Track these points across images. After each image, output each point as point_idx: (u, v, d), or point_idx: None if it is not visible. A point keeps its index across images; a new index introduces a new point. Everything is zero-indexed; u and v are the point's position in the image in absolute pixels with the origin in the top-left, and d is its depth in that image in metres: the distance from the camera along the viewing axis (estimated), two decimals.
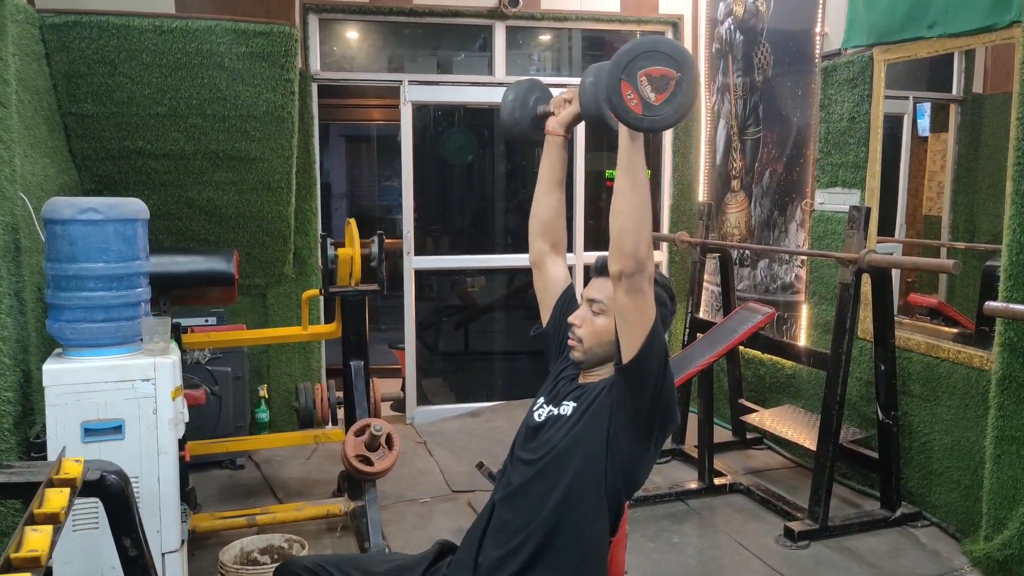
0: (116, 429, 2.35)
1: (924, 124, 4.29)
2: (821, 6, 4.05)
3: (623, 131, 1.59)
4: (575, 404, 1.81)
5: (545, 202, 2.01)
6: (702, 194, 5.11)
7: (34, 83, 3.21)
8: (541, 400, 1.92)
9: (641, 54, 1.48)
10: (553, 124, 1.98)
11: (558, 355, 1.97)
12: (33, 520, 1.43)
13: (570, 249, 5.15)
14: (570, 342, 1.85)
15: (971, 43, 3.28)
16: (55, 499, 1.50)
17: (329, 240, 3.45)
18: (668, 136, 5.18)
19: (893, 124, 4.04)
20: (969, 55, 3.93)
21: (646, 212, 1.61)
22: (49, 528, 1.39)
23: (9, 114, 2.64)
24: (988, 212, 3.87)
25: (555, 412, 1.83)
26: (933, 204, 4.25)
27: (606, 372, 1.81)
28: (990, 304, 2.83)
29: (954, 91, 4.05)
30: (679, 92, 1.49)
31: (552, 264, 2.02)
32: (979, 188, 3.99)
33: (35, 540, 1.35)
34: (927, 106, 4.25)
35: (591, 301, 1.83)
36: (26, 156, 2.88)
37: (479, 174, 6.51)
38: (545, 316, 2.01)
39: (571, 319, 1.85)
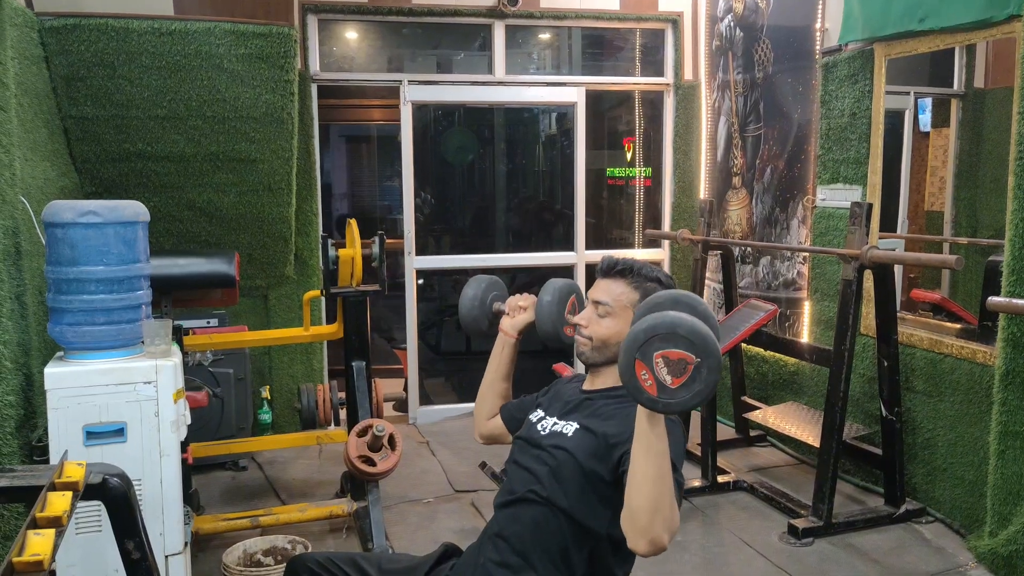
0: (118, 432, 2.34)
1: (925, 119, 4.28)
2: (821, 2, 4.04)
3: (640, 407, 1.46)
4: (577, 427, 1.77)
5: (494, 391, 2.09)
6: (703, 191, 5.10)
7: (34, 86, 3.21)
8: (540, 412, 1.90)
9: (659, 335, 1.37)
10: (507, 325, 2.05)
11: (535, 406, 1.98)
12: (35, 524, 1.43)
13: (572, 248, 5.15)
14: (578, 339, 1.84)
15: (970, 38, 3.28)
16: (57, 503, 1.50)
17: (330, 241, 3.45)
18: (669, 133, 5.18)
19: (894, 120, 4.03)
20: (970, 50, 3.92)
21: (664, 490, 1.43)
22: (51, 532, 1.39)
23: (9, 118, 2.63)
24: (990, 207, 3.86)
25: (559, 428, 1.80)
26: (935, 199, 4.24)
27: (612, 372, 1.77)
28: (993, 299, 2.82)
29: (955, 86, 4.04)
30: (697, 378, 1.37)
31: (494, 426, 2.09)
32: (981, 183, 3.98)
33: (37, 544, 1.34)
34: (928, 101, 4.24)
35: (597, 303, 1.82)
36: (26, 160, 2.88)
37: (480, 173, 6.51)
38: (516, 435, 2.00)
39: (577, 319, 1.85)
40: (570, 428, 1.78)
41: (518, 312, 2.05)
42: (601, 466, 1.67)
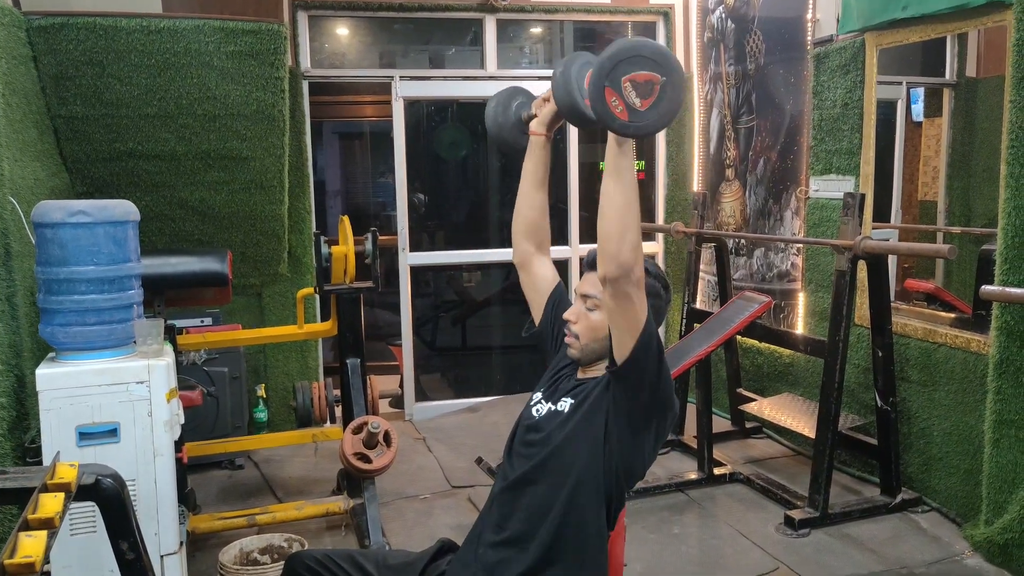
0: (111, 432, 2.34)
1: (918, 109, 4.28)
2: None
3: (610, 135, 1.55)
4: (572, 401, 1.80)
5: (529, 202, 2.00)
6: (696, 184, 5.09)
7: (22, 86, 3.19)
8: (539, 396, 1.91)
9: (624, 60, 1.44)
10: (535, 124, 1.97)
11: (555, 352, 1.96)
12: (27, 526, 1.43)
13: (566, 242, 5.14)
14: (567, 339, 1.84)
15: (961, 27, 3.27)
16: (49, 504, 1.50)
17: (323, 238, 3.44)
18: None
19: (887, 110, 4.03)
20: (962, 39, 3.92)
21: (631, 216, 1.57)
22: (43, 534, 1.38)
23: None
24: (983, 196, 3.87)
25: (553, 408, 1.83)
26: (928, 189, 4.25)
27: (604, 366, 1.80)
28: (986, 288, 2.83)
29: (947, 75, 4.04)
30: (665, 96, 1.45)
31: (538, 264, 2.01)
32: (974, 172, 3.99)
33: (29, 546, 1.34)
34: (921, 91, 4.24)
35: (584, 296, 1.82)
36: (15, 160, 2.86)
37: (473, 169, 6.49)
38: (537, 315, 2.00)
39: (566, 315, 1.85)
40: (566, 404, 1.81)
41: (542, 107, 1.95)
42: (595, 430, 1.71)
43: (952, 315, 3.68)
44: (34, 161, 3.19)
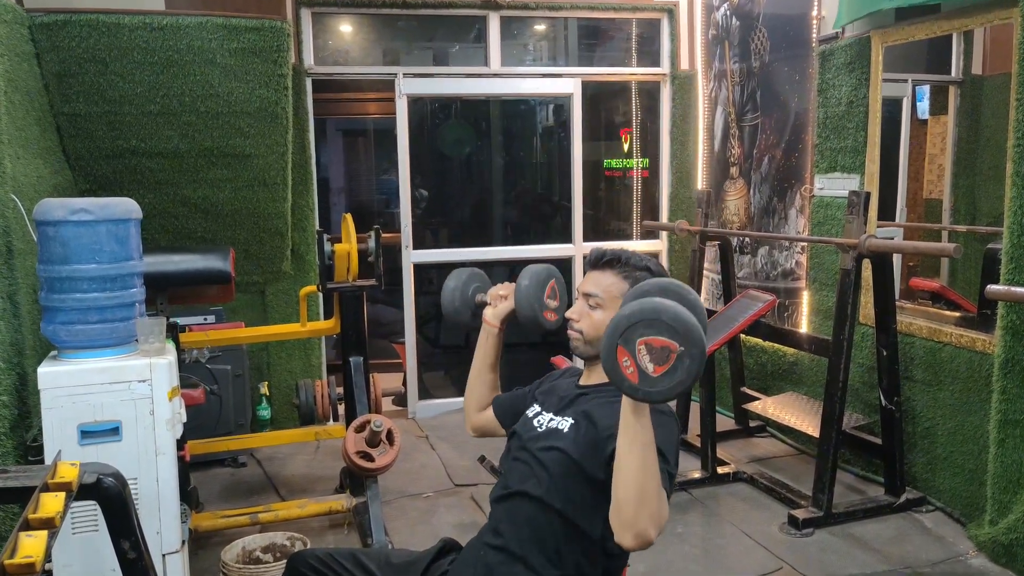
0: (113, 431, 2.33)
1: (923, 107, 4.26)
2: None
3: (624, 397, 1.44)
4: (572, 422, 1.75)
5: (481, 380, 2.09)
6: (701, 182, 5.08)
7: (25, 83, 3.18)
8: (537, 407, 1.88)
9: (642, 322, 1.34)
10: (489, 315, 2.04)
11: (531, 400, 1.96)
12: (28, 525, 1.42)
13: (569, 240, 5.13)
14: (571, 334, 1.83)
15: (967, 24, 3.25)
16: (50, 503, 1.49)
17: (326, 236, 3.43)
18: (666, 124, 5.16)
19: (892, 107, 4.00)
20: (968, 36, 3.90)
21: (649, 481, 1.41)
22: (44, 533, 1.38)
23: None
24: (989, 194, 3.84)
25: (555, 425, 1.79)
26: (934, 187, 4.22)
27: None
28: (992, 287, 2.81)
29: (953, 73, 4.01)
30: (680, 367, 1.33)
31: (486, 419, 2.10)
32: (980, 170, 3.96)
33: (29, 546, 1.33)
34: (926, 88, 4.22)
35: (587, 295, 1.80)
36: (18, 157, 2.86)
37: (477, 166, 6.48)
38: (509, 428, 1.99)
39: (569, 314, 1.83)
40: (565, 423, 1.76)
41: (499, 301, 2.03)
42: (595, 461, 1.65)
43: (957, 314, 3.66)
44: (37, 158, 3.19)
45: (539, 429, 1.81)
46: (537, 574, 1.69)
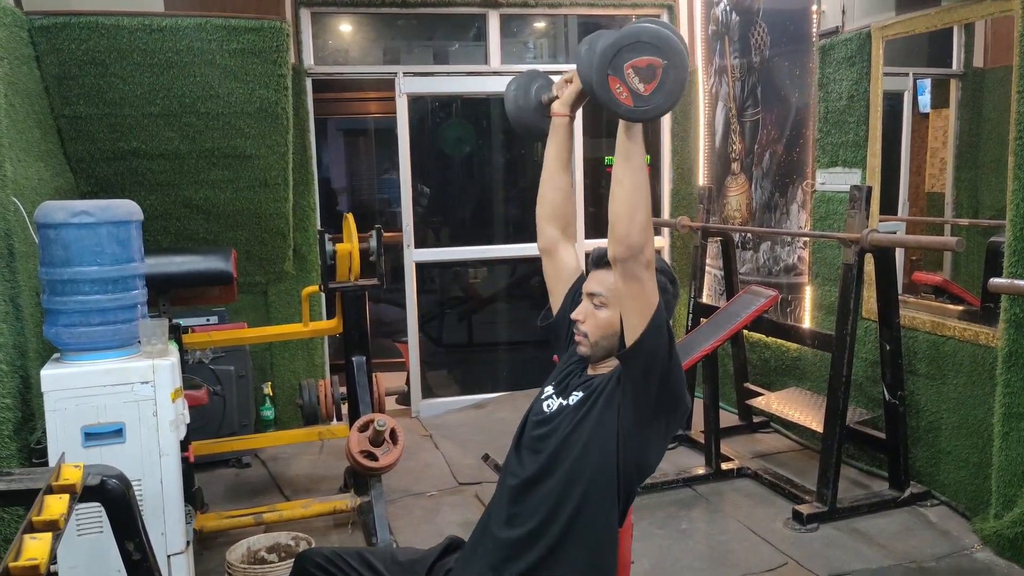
0: (117, 433, 2.33)
1: (925, 100, 4.25)
2: None
3: (620, 120, 1.58)
4: (583, 394, 1.79)
5: (553, 185, 1.97)
6: (702, 178, 5.07)
7: (25, 86, 3.19)
8: (549, 390, 1.90)
9: (624, 47, 1.48)
10: (558, 105, 1.95)
11: (567, 346, 1.94)
12: (32, 528, 1.42)
13: None
14: (576, 338, 1.83)
15: (968, 16, 3.24)
16: (54, 506, 1.49)
17: (327, 235, 3.43)
18: (667, 120, 5.15)
19: (893, 101, 3.99)
20: (969, 29, 3.88)
21: (640, 198, 1.60)
22: (48, 536, 1.38)
23: None
24: (991, 187, 3.83)
25: (564, 403, 1.82)
26: (936, 181, 4.21)
27: (614, 363, 1.79)
28: (995, 280, 2.81)
29: (954, 66, 4.00)
30: (668, 79, 1.49)
31: (563, 250, 1.98)
32: (982, 163, 3.95)
33: (34, 548, 1.34)
34: (927, 82, 4.20)
35: (591, 295, 1.81)
36: (18, 160, 2.86)
37: (478, 165, 6.48)
38: (555, 304, 1.98)
39: (574, 315, 1.83)
40: (575, 397, 1.81)
41: (564, 88, 1.93)
42: (613, 404, 1.71)
43: (960, 308, 3.65)
44: (38, 161, 3.19)
45: (548, 411, 1.84)
46: (546, 549, 1.71)
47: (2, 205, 2.54)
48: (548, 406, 1.85)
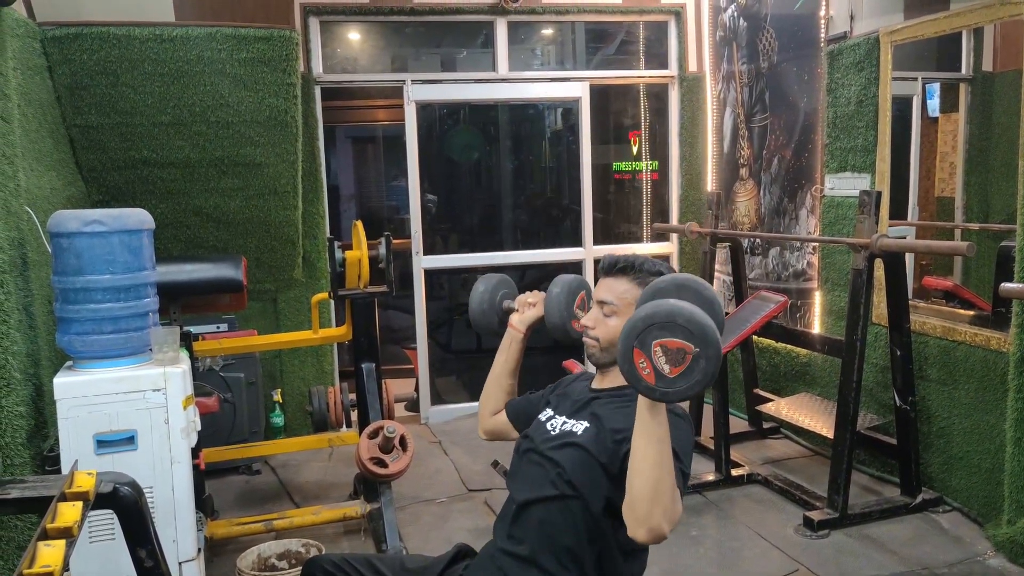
0: (129, 440, 2.35)
1: (934, 105, 4.24)
2: None
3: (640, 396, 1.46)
4: (587, 425, 1.75)
5: (499, 386, 2.12)
6: (710, 183, 5.07)
7: (37, 96, 3.21)
8: (550, 411, 1.89)
9: (657, 324, 1.36)
10: (516, 320, 2.08)
11: (544, 404, 1.96)
12: (46, 535, 1.43)
13: (580, 243, 5.13)
14: (587, 341, 1.83)
15: (978, 20, 3.24)
16: (68, 513, 1.50)
17: (336, 243, 3.44)
18: (675, 126, 5.15)
19: (902, 106, 3.99)
20: (978, 33, 3.88)
21: (664, 477, 1.43)
22: (62, 543, 1.39)
23: (11, 129, 2.64)
24: (1002, 191, 3.81)
25: (568, 427, 1.79)
26: (945, 185, 4.20)
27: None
28: (1006, 285, 2.79)
29: (963, 70, 3.99)
30: (696, 368, 1.35)
31: (501, 424, 2.12)
32: (992, 167, 3.94)
33: (48, 555, 1.34)
34: (936, 86, 4.19)
35: (602, 303, 1.80)
36: (31, 170, 2.89)
37: (486, 171, 6.49)
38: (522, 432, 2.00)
39: (584, 321, 1.83)
40: (580, 426, 1.77)
41: (527, 308, 2.07)
42: (608, 461, 1.66)
43: (971, 313, 3.64)
44: (50, 170, 3.21)
45: (552, 432, 1.81)
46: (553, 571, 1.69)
47: (15, 214, 2.55)
48: (552, 427, 1.83)
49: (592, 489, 1.68)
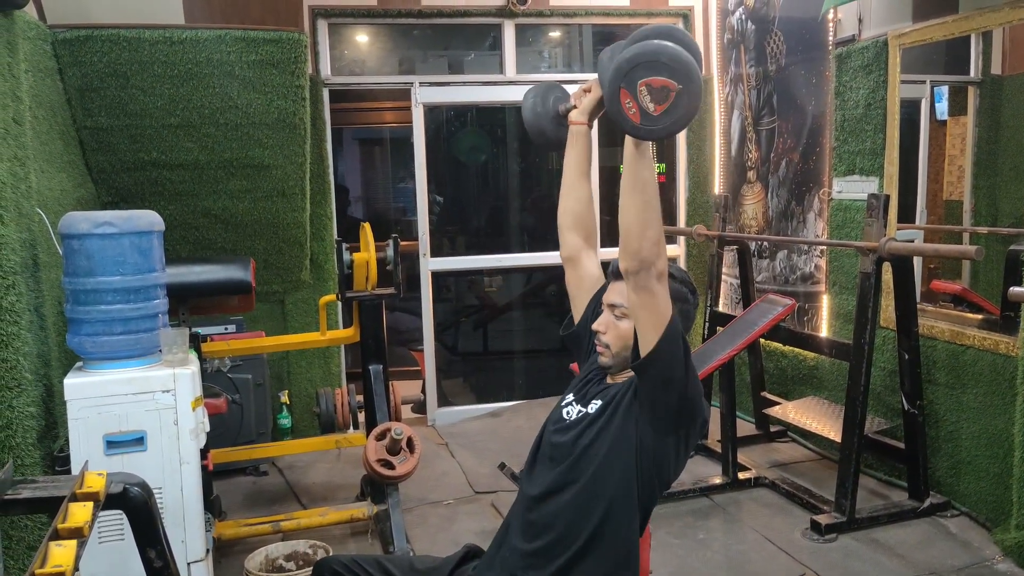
0: (138, 441, 2.36)
1: (942, 108, 4.22)
2: None
3: (627, 136, 1.57)
4: (601, 403, 1.79)
5: (574, 194, 1.98)
6: (718, 186, 5.07)
7: (48, 98, 3.23)
8: (570, 397, 1.90)
9: (642, 63, 1.45)
10: (576, 114, 1.96)
11: (587, 355, 1.95)
12: (57, 535, 1.44)
13: None
14: (598, 348, 1.83)
15: (987, 24, 3.23)
16: (79, 513, 1.51)
17: (344, 245, 3.45)
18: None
19: (910, 109, 3.98)
20: (986, 37, 3.87)
21: (650, 211, 1.58)
22: (73, 543, 1.40)
23: (23, 131, 2.66)
24: (1010, 195, 3.80)
25: (583, 411, 1.82)
26: (954, 188, 4.19)
27: (632, 373, 1.79)
28: (1015, 289, 2.78)
29: (972, 73, 3.98)
30: (679, 105, 1.45)
31: (586, 259, 1.99)
32: (1000, 171, 3.93)
33: (59, 555, 1.35)
34: (945, 89, 4.18)
35: (612, 306, 1.81)
36: (42, 171, 2.90)
37: (493, 173, 6.50)
38: (577, 313, 1.98)
39: (595, 326, 1.84)
40: (593, 405, 1.81)
41: (582, 97, 1.95)
42: (622, 417, 1.72)
43: (980, 317, 3.62)
44: (60, 172, 3.23)
45: (568, 419, 1.84)
46: (567, 561, 1.71)
47: (27, 216, 2.57)
48: (568, 413, 1.86)
49: (609, 466, 1.71)
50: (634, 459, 1.70)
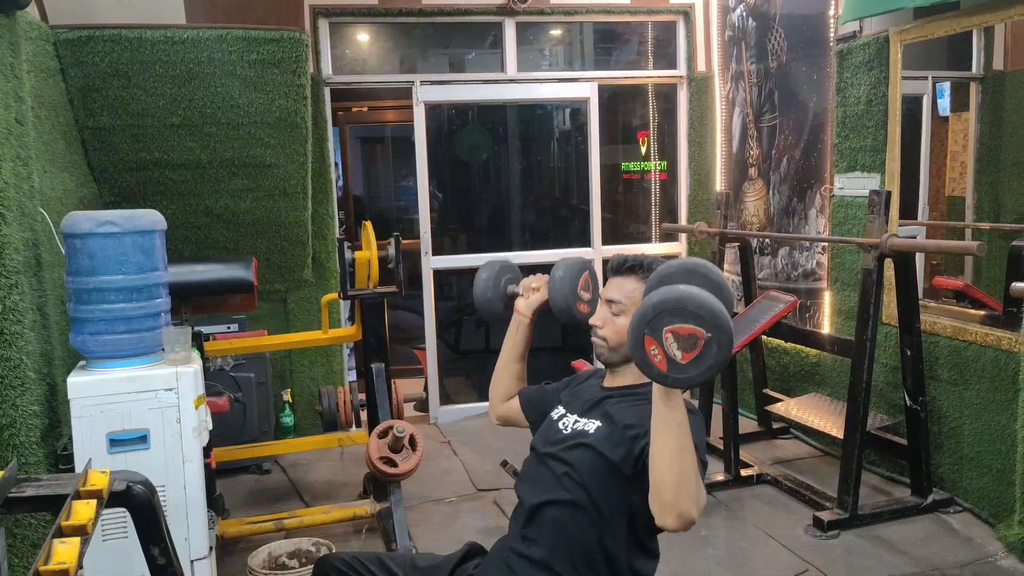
0: (141, 439, 2.36)
1: (944, 104, 4.22)
2: None
3: (654, 384, 1.44)
4: (599, 424, 1.76)
5: (509, 371, 2.11)
6: (719, 183, 5.06)
7: (50, 99, 3.24)
8: (562, 410, 1.89)
9: (667, 311, 1.35)
10: (521, 305, 2.07)
11: (556, 401, 1.97)
12: (61, 532, 1.44)
13: (588, 244, 5.13)
14: (595, 341, 1.83)
15: (987, 20, 3.23)
16: (82, 511, 1.51)
17: (346, 243, 3.46)
18: (684, 126, 5.15)
19: (912, 105, 3.98)
20: (988, 32, 3.86)
21: (687, 460, 1.42)
22: (76, 540, 1.40)
23: (26, 131, 2.66)
24: (1013, 191, 3.80)
25: (580, 426, 1.79)
26: (956, 184, 4.18)
27: (633, 371, 1.77)
28: (1017, 285, 2.78)
29: (974, 69, 3.97)
30: (708, 353, 1.34)
31: (512, 410, 2.11)
32: (1003, 167, 3.92)
33: (63, 552, 1.36)
34: (947, 85, 4.18)
35: (610, 302, 1.81)
36: (45, 171, 2.91)
37: (495, 171, 6.50)
38: (533, 422, 2.04)
39: (592, 321, 1.83)
40: (592, 425, 1.77)
41: (531, 292, 2.06)
42: (622, 457, 1.66)
43: (982, 312, 3.62)
44: (63, 172, 3.24)
45: (564, 431, 1.82)
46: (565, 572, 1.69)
47: (30, 215, 2.58)
48: (563, 425, 1.83)
49: (604, 490, 1.68)
50: (632, 473, 1.65)
